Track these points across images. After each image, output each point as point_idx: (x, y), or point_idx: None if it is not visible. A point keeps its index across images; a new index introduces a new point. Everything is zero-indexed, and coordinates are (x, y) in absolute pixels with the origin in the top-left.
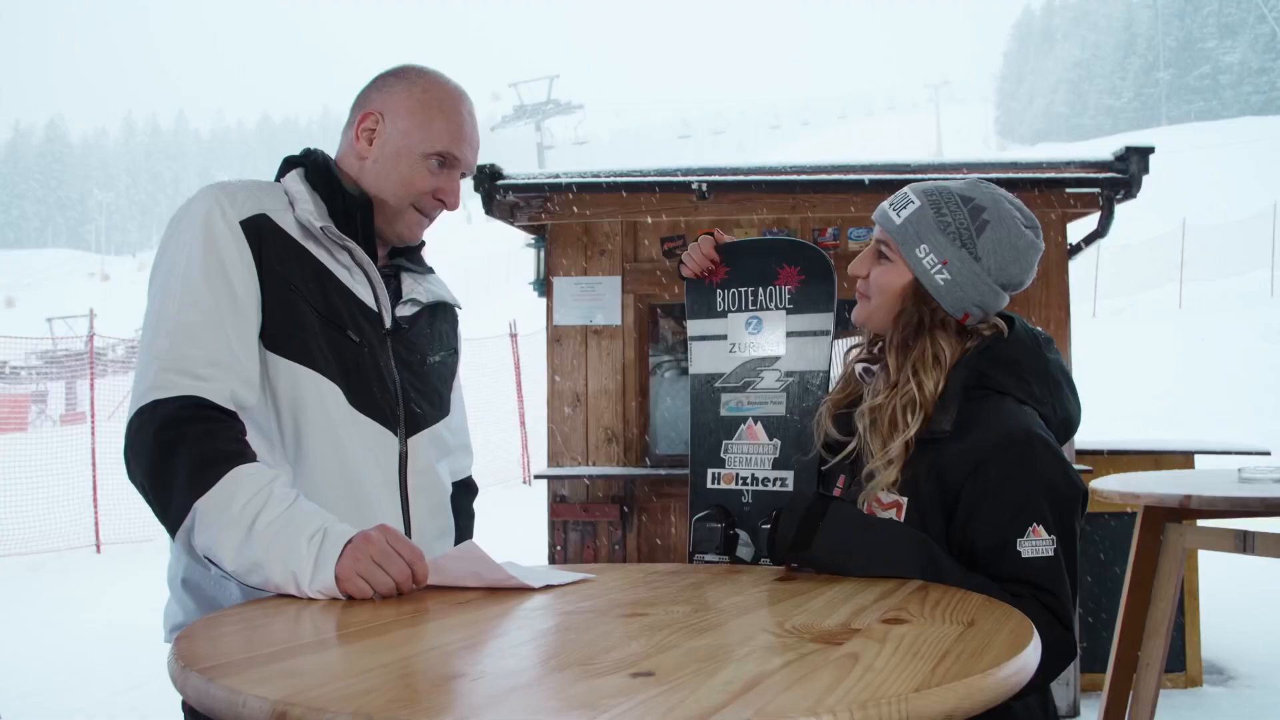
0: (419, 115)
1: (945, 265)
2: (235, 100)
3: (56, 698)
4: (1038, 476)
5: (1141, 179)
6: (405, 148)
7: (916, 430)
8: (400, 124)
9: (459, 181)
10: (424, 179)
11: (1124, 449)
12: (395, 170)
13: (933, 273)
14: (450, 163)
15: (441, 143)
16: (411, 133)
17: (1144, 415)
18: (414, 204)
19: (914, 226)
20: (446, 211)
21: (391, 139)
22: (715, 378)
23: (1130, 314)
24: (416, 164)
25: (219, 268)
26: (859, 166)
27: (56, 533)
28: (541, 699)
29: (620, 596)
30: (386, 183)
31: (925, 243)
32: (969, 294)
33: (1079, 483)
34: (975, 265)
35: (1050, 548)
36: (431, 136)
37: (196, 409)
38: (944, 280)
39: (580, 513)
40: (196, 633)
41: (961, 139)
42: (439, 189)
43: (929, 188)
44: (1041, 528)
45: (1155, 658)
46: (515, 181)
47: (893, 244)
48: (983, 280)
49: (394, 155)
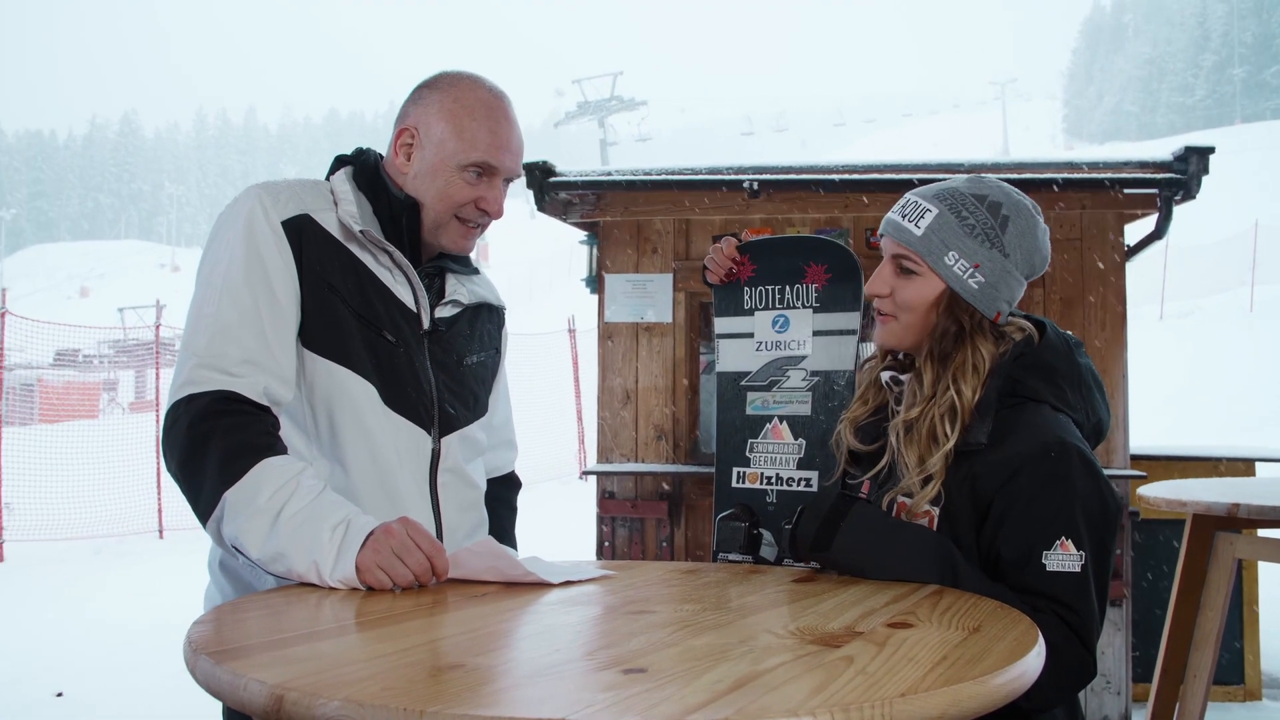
0: (452, 126)
1: (977, 269)
2: (303, 95)
3: (117, 677)
4: (1071, 489)
5: (1201, 179)
6: (441, 160)
7: (955, 442)
8: (435, 136)
9: (500, 189)
10: (463, 190)
11: (1180, 455)
12: (434, 184)
13: (966, 279)
14: (489, 171)
15: (478, 152)
16: (447, 144)
17: (1211, 421)
18: (457, 215)
19: (938, 235)
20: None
21: (428, 153)
22: (741, 376)
23: (1199, 317)
24: (454, 176)
25: (259, 267)
26: (911, 166)
27: (121, 517)
28: (527, 690)
29: (634, 594)
30: (427, 197)
31: (953, 249)
32: (1002, 292)
33: (1116, 499)
34: (1005, 263)
35: (1078, 563)
36: (466, 147)
37: (229, 403)
38: (978, 284)
39: (629, 509)
40: (218, 617)
41: (1029, 137)
42: (480, 198)
43: (939, 191)
44: (1070, 542)
45: (1203, 669)
46: (567, 179)
47: (916, 256)
48: (1013, 276)
49: (432, 169)
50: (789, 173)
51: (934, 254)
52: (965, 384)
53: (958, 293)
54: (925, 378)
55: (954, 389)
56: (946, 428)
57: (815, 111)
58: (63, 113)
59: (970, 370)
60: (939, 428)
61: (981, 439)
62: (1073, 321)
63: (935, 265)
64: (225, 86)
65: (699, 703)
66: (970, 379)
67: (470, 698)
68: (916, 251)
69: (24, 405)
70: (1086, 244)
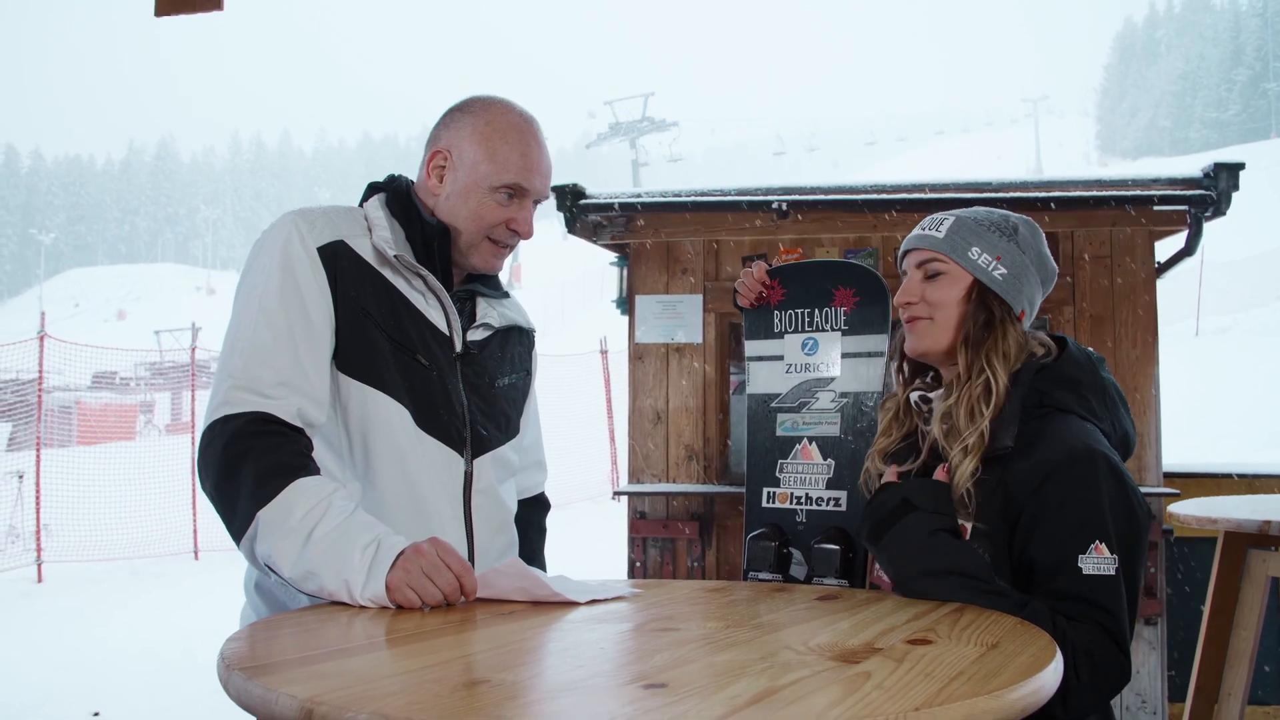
0: (484, 149)
1: (999, 260)
2: (337, 119)
3: (153, 697)
4: (1102, 494)
5: (1231, 196)
6: (474, 182)
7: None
8: (467, 159)
9: (531, 210)
10: (495, 211)
11: (1213, 472)
12: (466, 205)
13: (990, 270)
14: (520, 193)
15: (509, 175)
16: (479, 166)
17: (1245, 438)
18: (489, 236)
19: (959, 235)
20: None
21: (460, 175)
22: (772, 398)
23: (1235, 332)
24: (486, 197)
25: (295, 292)
26: (939, 185)
27: (158, 539)
28: (550, 705)
29: (660, 611)
30: (459, 218)
31: (975, 245)
32: (1024, 287)
33: (1144, 504)
34: (1023, 258)
35: (1112, 567)
36: (498, 169)
37: (263, 424)
38: (1002, 275)
39: (660, 529)
40: (251, 634)
41: (1062, 154)
42: (511, 219)
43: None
44: (1104, 545)
45: (1238, 687)
46: (597, 201)
47: (942, 255)
48: (1031, 272)
49: (464, 191)
50: (817, 193)
51: (958, 250)
52: (999, 365)
53: (985, 284)
54: (960, 364)
55: (989, 370)
56: (983, 406)
57: (847, 130)
58: (101, 138)
59: (1002, 355)
60: (977, 407)
61: (1008, 443)
62: (1103, 338)
63: (961, 260)
64: (260, 111)
65: (717, 716)
66: (1003, 363)
67: (495, 712)
68: (941, 251)
69: (62, 427)
70: (1116, 261)
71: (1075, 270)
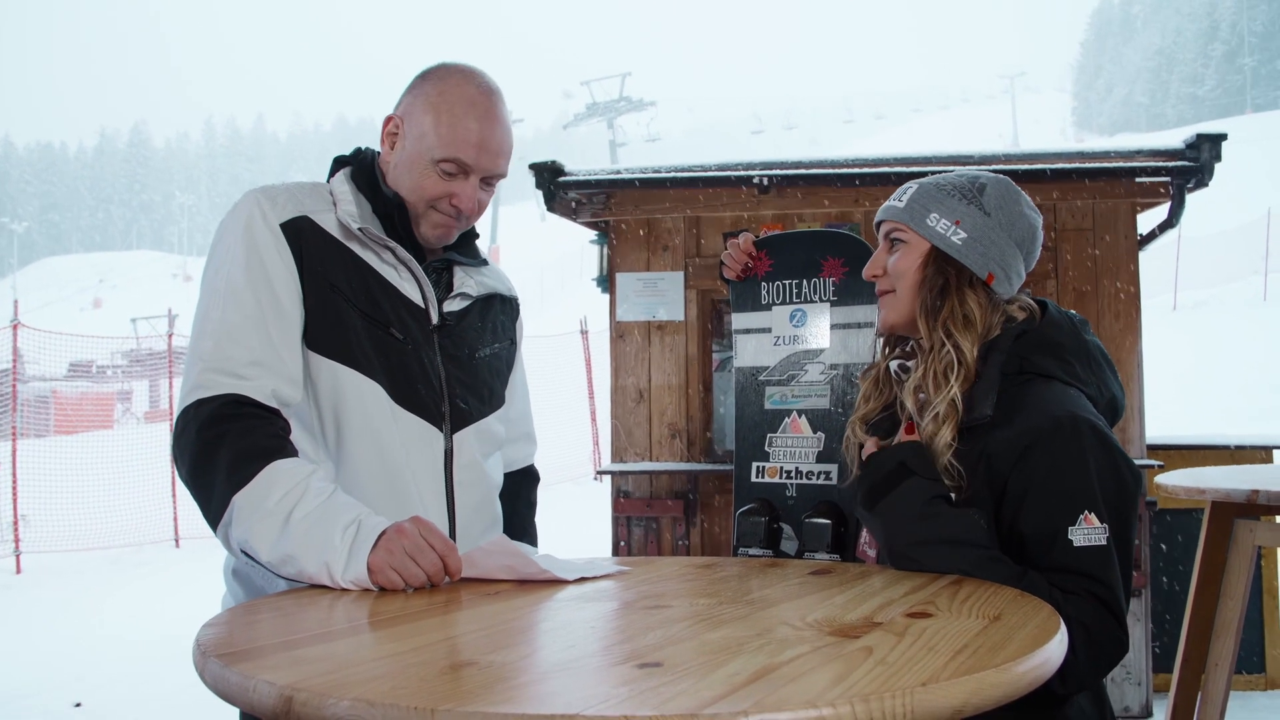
0: (432, 119)
1: (958, 225)
2: (312, 103)
3: (135, 687)
4: (1088, 462)
5: (1213, 167)
6: (418, 153)
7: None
8: (415, 129)
9: (474, 187)
10: (435, 184)
11: (1198, 444)
12: (409, 176)
13: (948, 235)
14: (463, 168)
15: (452, 149)
16: (425, 137)
17: (1225, 410)
18: (432, 207)
19: (919, 202)
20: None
21: (408, 144)
22: (759, 371)
23: (1212, 306)
24: (428, 169)
25: (261, 270)
26: (921, 158)
27: (138, 527)
28: (541, 686)
29: (650, 589)
30: (402, 187)
31: (933, 211)
32: (989, 250)
33: (1133, 469)
34: (987, 219)
35: (1103, 536)
36: (441, 142)
37: (238, 406)
38: (961, 240)
39: (644, 508)
40: (229, 619)
41: (1039, 130)
42: (452, 194)
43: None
44: (1094, 515)
45: (1224, 658)
46: (576, 179)
47: (901, 225)
48: (998, 234)
49: (408, 161)
50: (799, 168)
51: (916, 218)
52: (961, 337)
53: (942, 250)
54: (922, 333)
55: (949, 342)
56: (950, 377)
57: (824, 109)
58: (72, 125)
59: (962, 322)
60: (941, 380)
61: (987, 412)
62: (1086, 311)
63: (918, 228)
64: (233, 95)
65: (716, 695)
66: (965, 332)
67: (484, 695)
68: (901, 220)
69: (39, 417)
70: (1099, 234)
71: (1058, 243)
